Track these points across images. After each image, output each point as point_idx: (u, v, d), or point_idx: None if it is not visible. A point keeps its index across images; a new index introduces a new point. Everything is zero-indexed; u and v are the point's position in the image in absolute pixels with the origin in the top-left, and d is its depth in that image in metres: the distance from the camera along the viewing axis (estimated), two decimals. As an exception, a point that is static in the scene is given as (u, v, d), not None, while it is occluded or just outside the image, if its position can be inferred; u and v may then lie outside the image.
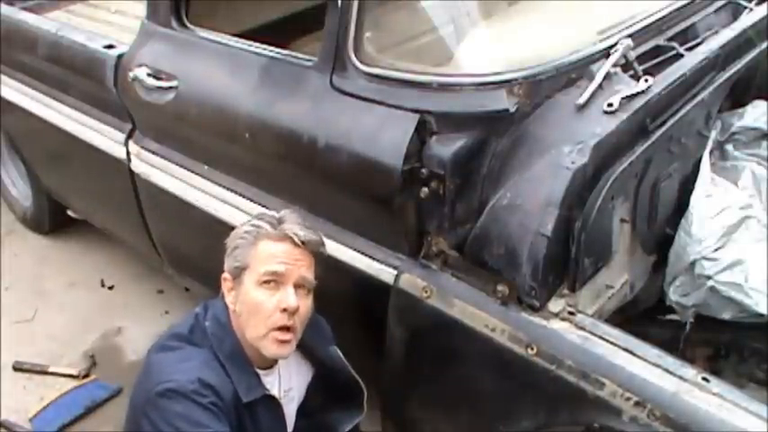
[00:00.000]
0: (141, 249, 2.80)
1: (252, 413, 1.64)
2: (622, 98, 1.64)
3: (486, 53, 1.90)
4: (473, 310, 1.62)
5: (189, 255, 2.53)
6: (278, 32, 2.44)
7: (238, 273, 1.66)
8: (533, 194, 1.56)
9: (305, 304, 1.66)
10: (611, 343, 1.49)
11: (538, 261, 1.53)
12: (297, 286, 1.63)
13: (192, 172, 2.23)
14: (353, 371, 1.81)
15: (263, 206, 2.01)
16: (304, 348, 1.78)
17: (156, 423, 1.55)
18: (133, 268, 3.20)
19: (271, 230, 1.65)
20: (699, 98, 1.85)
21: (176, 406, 1.54)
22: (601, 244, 1.64)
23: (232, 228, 1.77)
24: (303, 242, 1.64)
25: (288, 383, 1.79)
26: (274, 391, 1.72)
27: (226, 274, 1.70)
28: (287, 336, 1.63)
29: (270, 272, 1.62)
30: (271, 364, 1.73)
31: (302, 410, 1.83)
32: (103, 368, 2.79)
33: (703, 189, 1.83)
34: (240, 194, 2.10)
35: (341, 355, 1.81)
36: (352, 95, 1.77)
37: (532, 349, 1.53)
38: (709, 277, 1.76)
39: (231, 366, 1.63)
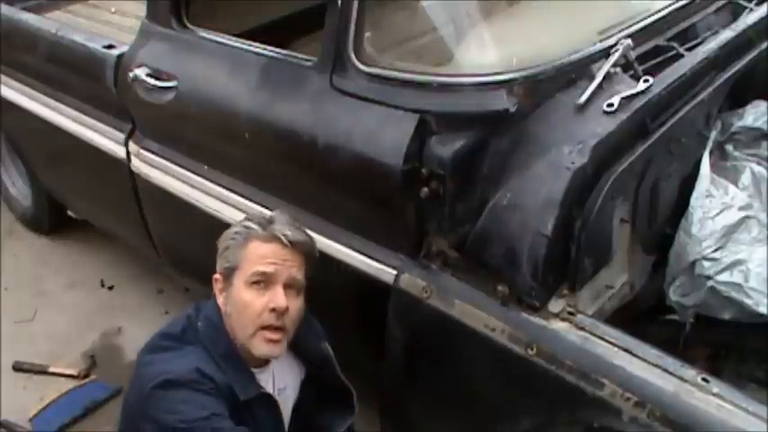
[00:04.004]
0: (141, 249, 2.80)
1: (250, 412, 1.64)
2: (622, 98, 1.64)
3: (487, 53, 1.90)
4: (473, 310, 1.62)
5: (189, 255, 2.53)
6: (278, 32, 2.44)
7: (229, 273, 1.67)
8: (533, 194, 1.56)
9: (295, 305, 1.66)
10: (611, 343, 1.49)
11: (538, 261, 1.53)
12: (286, 287, 1.64)
13: (192, 172, 2.23)
14: (340, 372, 1.80)
15: (264, 206, 2.01)
16: (296, 347, 1.78)
17: (158, 416, 1.53)
18: (133, 268, 3.20)
19: (260, 231, 1.66)
20: (699, 98, 1.84)
21: (177, 393, 1.53)
22: (601, 244, 1.64)
23: (232, 228, 1.78)
24: (291, 242, 1.64)
25: (282, 382, 1.79)
26: (269, 390, 1.72)
27: (217, 275, 1.71)
28: (276, 335, 1.63)
29: (259, 272, 1.63)
30: (264, 362, 1.72)
31: (297, 410, 1.83)
32: (103, 368, 2.79)
33: (703, 189, 1.83)
34: (240, 194, 2.10)
35: (332, 354, 1.80)
36: (352, 95, 1.77)
37: (532, 349, 1.53)
38: (709, 277, 1.76)
39: (226, 365, 1.63)
